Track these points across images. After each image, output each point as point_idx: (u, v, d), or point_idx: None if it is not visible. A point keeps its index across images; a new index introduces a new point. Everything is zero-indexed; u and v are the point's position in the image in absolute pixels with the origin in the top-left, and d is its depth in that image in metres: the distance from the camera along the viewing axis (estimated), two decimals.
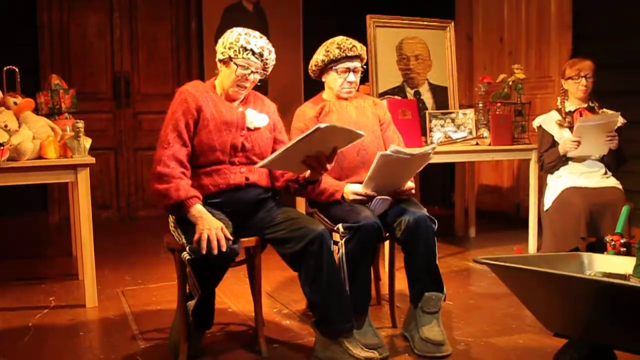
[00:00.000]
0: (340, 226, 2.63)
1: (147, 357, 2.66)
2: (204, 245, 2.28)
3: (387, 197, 2.77)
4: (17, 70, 3.80)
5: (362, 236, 2.58)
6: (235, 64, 2.56)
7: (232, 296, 3.46)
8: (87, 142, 3.33)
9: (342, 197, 2.76)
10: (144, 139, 6.29)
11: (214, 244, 2.28)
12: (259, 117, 2.68)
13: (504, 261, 2.18)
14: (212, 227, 2.32)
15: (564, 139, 3.72)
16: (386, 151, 2.57)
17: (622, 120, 3.74)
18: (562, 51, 5.19)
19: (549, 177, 3.87)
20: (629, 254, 2.51)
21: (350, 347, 2.44)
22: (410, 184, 2.79)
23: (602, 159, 3.76)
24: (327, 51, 2.91)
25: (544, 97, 5.36)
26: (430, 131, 4.23)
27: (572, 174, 3.74)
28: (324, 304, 2.46)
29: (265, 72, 2.67)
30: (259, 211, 2.63)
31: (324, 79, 3.02)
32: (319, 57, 2.95)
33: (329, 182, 2.80)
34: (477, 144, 4.27)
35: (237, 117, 2.62)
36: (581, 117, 3.69)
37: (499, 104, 4.39)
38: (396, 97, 4.31)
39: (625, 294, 1.86)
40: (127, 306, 3.37)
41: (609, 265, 2.37)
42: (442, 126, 4.26)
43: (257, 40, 2.59)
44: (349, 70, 2.92)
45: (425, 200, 4.35)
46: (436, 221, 2.74)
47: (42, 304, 3.43)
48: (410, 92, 4.48)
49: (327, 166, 2.54)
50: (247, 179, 2.60)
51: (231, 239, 2.36)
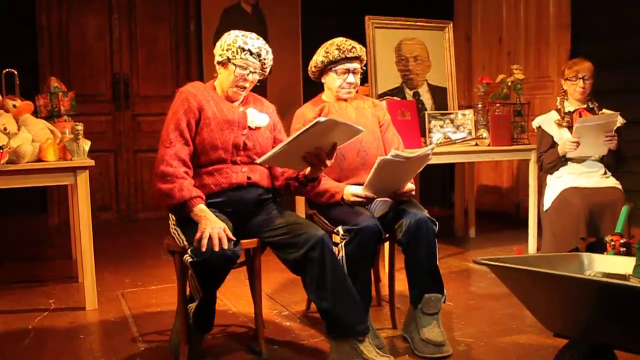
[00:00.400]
0: (340, 228, 2.63)
1: None
2: (204, 243, 2.27)
3: (387, 198, 2.77)
4: (16, 73, 3.80)
5: (362, 238, 2.57)
6: (233, 64, 2.58)
7: (232, 298, 3.46)
8: (86, 145, 3.34)
9: (342, 198, 2.76)
10: (143, 140, 6.28)
11: (215, 242, 2.27)
12: (260, 116, 2.69)
13: (504, 262, 2.18)
14: (214, 226, 2.32)
15: (564, 139, 3.72)
16: (386, 156, 2.57)
17: (621, 120, 3.74)
18: (561, 51, 5.19)
19: (549, 177, 3.87)
20: (628, 254, 2.50)
21: (364, 351, 2.40)
22: (410, 186, 2.79)
23: (601, 159, 3.76)
24: (327, 52, 2.91)
25: (543, 98, 5.36)
26: (429, 132, 4.23)
27: (571, 174, 3.74)
28: (333, 310, 2.42)
29: (263, 73, 2.69)
30: (259, 213, 2.63)
31: (323, 80, 3.02)
32: (318, 58, 2.95)
33: (328, 183, 2.80)
34: (476, 145, 4.28)
35: (239, 116, 2.63)
36: (580, 118, 3.69)
37: (498, 105, 4.39)
38: (395, 98, 4.31)
39: (625, 294, 1.86)
40: (127, 308, 3.37)
41: (608, 265, 2.36)
42: (441, 127, 4.26)
43: (254, 40, 2.61)
44: (348, 71, 2.92)
45: (425, 200, 4.35)
46: (437, 222, 2.74)
47: (42, 306, 3.42)
48: (409, 93, 4.48)
49: (327, 162, 2.53)
50: (249, 178, 2.60)
51: (233, 239, 2.36)
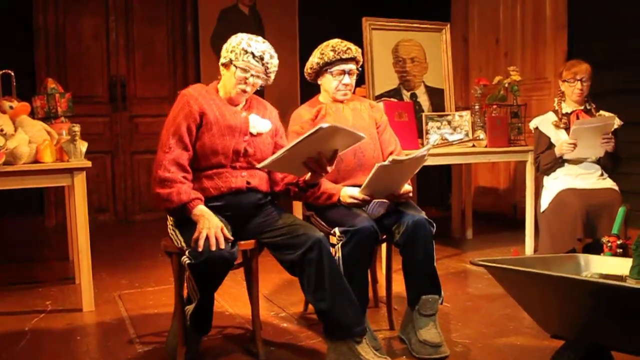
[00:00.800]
0: (336, 230, 2.63)
1: None
2: (201, 243, 2.27)
3: (384, 200, 2.77)
4: (12, 74, 3.79)
5: (358, 240, 2.57)
6: (235, 66, 2.56)
7: (229, 299, 3.46)
8: (83, 146, 3.33)
9: (339, 200, 2.76)
10: (140, 142, 6.28)
11: (212, 241, 2.27)
12: (262, 122, 2.67)
13: (501, 263, 2.18)
14: (211, 226, 2.32)
15: (561, 140, 3.73)
16: (384, 162, 2.57)
17: (618, 122, 3.75)
18: (558, 52, 5.20)
19: (546, 178, 3.87)
20: (625, 255, 2.50)
21: (362, 352, 2.40)
22: (407, 187, 2.79)
23: (598, 161, 3.76)
24: (322, 54, 2.91)
25: (540, 99, 5.37)
26: (426, 133, 4.23)
27: (568, 175, 3.75)
28: (330, 311, 2.42)
29: (267, 78, 2.66)
30: (257, 215, 2.62)
31: (319, 82, 3.02)
32: (314, 59, 2.95)
33: (325, 185, 2.80)
34: (473, 146, 4.28)
35: (241, 122, 2.61)
36: (577, 120, 3.69)
37: (495, 106, 4.40)
38: (392, 99, 4.31)
39: (622, 295, 1.86)
40: (124, 310, 3.36)
41: (605, 266, 2.37)
42: (438, 128, 4.26)
43: (259, 44, 2.59)
44: (344, 72, 2.92)
45: (422, 202, 4.34)
46: (434, 224, 2.74)
47: (38, 308, 3.42)
48: (406, 95, 4.48)
49: (328, 168, 2.53)
50: (248, 183, 2.59)
51: (231, 239, 2.36)
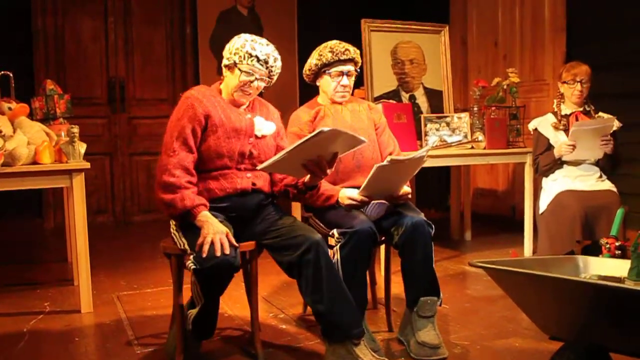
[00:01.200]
0: (335, 231, 2.63)
1: None
2: (206, 249, 2.26)
3: (383, 201, 2.77)
4: (11, 75, 3.79)
5: (356, 241, 2.57)
6: (239, 69, 2.54)
7: (228, 301, 3.46)
8: (82, 147, 3.33)
9: (337, 201, 2.76)
10: (139, 144, 6.28)
11: (217, 247, 2.26)
12: (266, 125, 2.66)
13: (500, 264, 2.18)
14: (216, 231, 2.31)
15: (560, 142, 3.73)
16: (383, 162, 2.57)
17: (617, 124, 3.75)
18: (557, 54, 5.21)
19: (544, 180, 3.88)
20: (624, 256, 2.51)
21: (360, 354, 2.39)
22: (406, 189, 2.79)
23: (597, 163, 3.76)
24: (320, 55, 2.91)
25: (538, 101, 5.38)
26: (425, 135, 4.23)
27: (567, 177, 3.75)
28: (329, 313, 2.41)
29: (270, 80, 2.64)
30: (258, 217, 2.62)
31: (318, 83, 3.02)
32: (312, 61, 2.95)
33: (324, 186, 2.79)
34: (472, 148, 4.28)
35: (246, 125, 2.60)
36: (577, 122, 3.69)
37: (493, 108, 4.40)
38: (391, 101, 4.31)
39: (620, 296, 1.86)
40: (122, 311, 3.36)
41: (604, 268, 2.37)
42: (437, 130, 4.27)
43: (263, 47, 2.57)
44: (342, 73, 2.92)
45: (421, 203, 4.35)
46: (433, 225, 2.74)
47: (37, 309, 3.41)
48: (405, 96, 4.48)
49: (327, 171, 2.53)
50: (254, 184, 2.59)
51: (237, 245, 2.35)
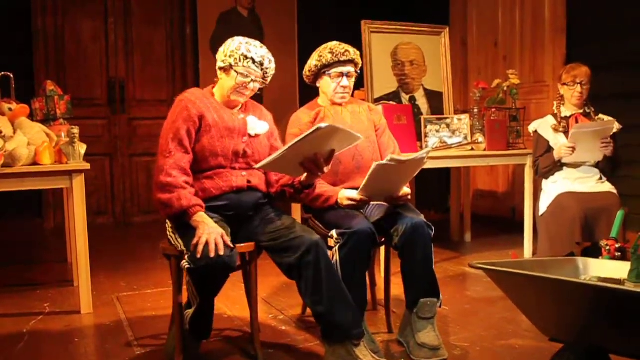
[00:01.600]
0: (334, 232, 2.63)
1: None
2: (200, 249, 2.27)
3: (382, 202, 2.77)
4: (12, 76, 3.79)
5: (355, 242, 2.57)
6: (235, 71, 2.57)
7: (227, 302, 3.46)
8: (82, 148, 3.33)
9: (337, 202, 2.76)
10: (139, 145, 6.28)
11: (212, 247, 2.26)
12: (259, 124, 2.69)
13: (500, 266, 2.19)
14: (211, 232, 2.31)
15: (559, 144, 3.73)
16: (382, 161, 2.57)
17: (618, 126, 3.75)
18: (557, 55, 5.21)
19: (544, 182, 3.88)
20: (624, 258, 2.51)
21: (360, 355, 2.39)
22: (406, 190, 2.78)
23: (596, 165, 3.76)
24: (320, 56, 2.91)
25: (538, 102, 5.38)
26: (425, 136, 4.23)
27: (567, 179, 3.75)
28: (328, 314, 2.41)
29: (264, 82, 2.68)
30: (256, 217, 2.63)
31: (318, 85, 3.02)
32: (312, 62, 2.95)
33: (323, 187, 2.80)
34: (472, 149, 4.28)
35: (239, 124, 2.62)
36: (577, 124, 3.70)
37: (493, 109, 4.40)
38: (391, 102, 4.31)
39: (620, 298, 1.86)
40: (122, 312, 3.36)
41: (604, 269, 2.37)
42: (437, 131, 4.27)
43: (257, 49, 2.60)
44: (342, 74, 2.92)
45: (421, 205, 4.36)
46: (433, 227, 2.74)
47: (36, 310, 3.41)
48: (405, 98, 4.48)
49: (324, 169, 2.54)
50: (249, 182, 2.61)
51: (232, 246, 2.35)
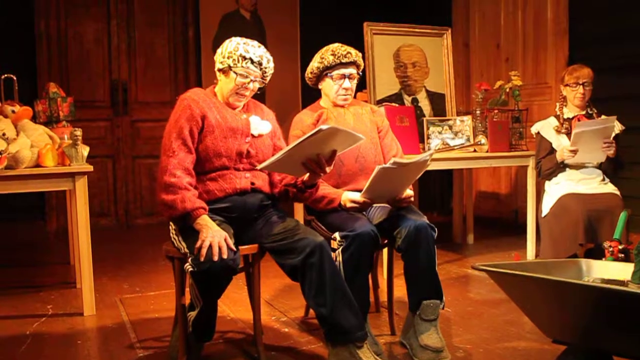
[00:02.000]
0: (336, 234, 2.63)
1: None
2: (204, 252, 2.26)
3: (385, 204, 2.76)
4: (14, 78, 3.80)
5: (358, 244, 2.57)
6: (234, 72, 2.57)
7: (230, 304, 3.46)
8: (85, 150, 3.34)
9: (340, 204, 2.76)
10: (142, 146, 6.29)
11: (215, 251, 2.26)
12: (262, 124, 2.69)
13: (502, 268, 2.19)
14: (215, 235, 2.31)
15: (562, 146, 3.73)
16: (385, 164, 2.57)
17: (620, 126, 3.75)
18: (559, 57, 5.20)
19: (547, 183, 3.87)
20: (627, 260, 2.51)
21: (363, 357, 2.39)
22: (409, 192, 2.78)
23: (599, 166, 3.76)
24: (322, 58, 2.92)
25: (541, 104, 5.37)
26: (427, 138, 4.23)
27: (569, 180, 3.75)
28: (331, 316, 2.41)
29: (264, 81, 2.69)
30: (260, 219, 2.63)
31: (320, 86, 3.03)
32: (314, 64, 2.95)
33: (326, 189, 2.80)
34: (474, 151, 4.28)
35: (242, 124, 2.62)
36: (578, 123, 3.69)
37: (496, 111, 4.40)
38: (394, 104, 4.31)
39: (623, 300, 1.86)
40: (125, 314, 3.36)
41: (607, 271, 2.37)
42: (439, 133, 4.27)
43: (255, 49, 2.60)
44: (344, 76, 2.92)
45: (423, 207, 4.36)
46: (436, 229, 2.73)
47: (39, 312, 3.42)
48: (407, 99, 4.49)
49: (326, 169, 2.54)
50: (252, 184, 2.60)
51: (235, 249, 2.35)
